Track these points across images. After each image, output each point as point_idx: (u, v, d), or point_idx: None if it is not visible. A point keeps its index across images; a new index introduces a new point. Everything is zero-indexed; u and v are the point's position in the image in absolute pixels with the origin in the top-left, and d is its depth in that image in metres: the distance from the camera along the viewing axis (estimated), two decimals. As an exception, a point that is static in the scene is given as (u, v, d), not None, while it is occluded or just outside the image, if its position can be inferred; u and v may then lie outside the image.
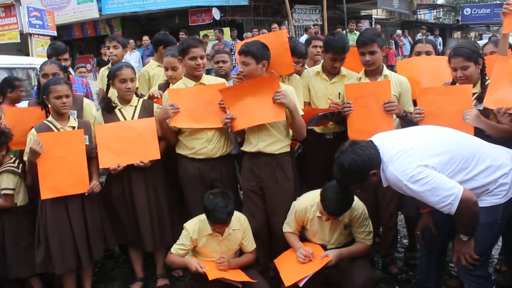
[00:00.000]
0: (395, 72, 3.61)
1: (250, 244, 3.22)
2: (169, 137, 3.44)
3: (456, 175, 2.36)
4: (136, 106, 3.48)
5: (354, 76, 3.57)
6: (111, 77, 3.40)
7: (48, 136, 3.16)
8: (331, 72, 3.62)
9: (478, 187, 2.39)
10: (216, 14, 13.75)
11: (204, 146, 3.35)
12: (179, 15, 14.43)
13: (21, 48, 11.82)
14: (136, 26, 15.08)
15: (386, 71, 3.40)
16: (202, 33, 13.58)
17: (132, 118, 3.43)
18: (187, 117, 3.30)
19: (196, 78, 3.40)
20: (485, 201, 2.41)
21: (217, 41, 11.55)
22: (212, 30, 12.80)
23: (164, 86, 3.80)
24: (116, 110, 3.44)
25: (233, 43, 11.35)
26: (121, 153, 3.31)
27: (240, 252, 3.26)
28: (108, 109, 3.43)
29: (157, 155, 3.35)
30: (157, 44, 4.51)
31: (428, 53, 3.70)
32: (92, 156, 3.33)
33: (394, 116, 3.23)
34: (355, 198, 3.04)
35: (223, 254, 3.12)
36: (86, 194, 3.23)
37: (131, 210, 3.42)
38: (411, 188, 2.32)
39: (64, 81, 3.26)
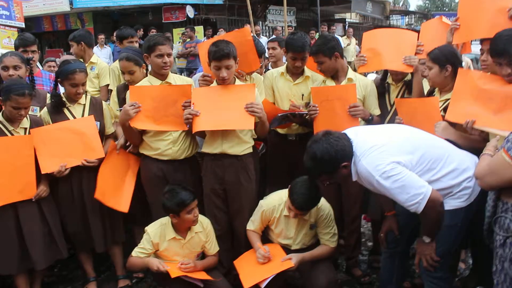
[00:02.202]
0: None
1: (213, 247, 3.19)
2: (133, 139, 3.34)
3: (423, 174, 2.39)
4: (84, 105, 3.38)
5: (318, 77, 3.57)
6: (62, 77, 3.27)
7: None
8: (295, 72, 3.61)
9: (442, 189, 2.42)
10: (190, 12, 13.63)
11: (169, 147, 3.27)
12: (153, 12, 14.25)
13: (-13, 39, 11.45)
14: (108, 21, 14.80)
15: (351, 74, 3.41)
16: (175, 31, 13.45)
17: (82, 116, 3.33)
18: (148, 117, 3.18)
19: (162, 76, 3.30)
20: (448, 204, 2.44)
21: (188, 39, 11.45)
22: (183, 28, 12.69)
23: (123, 88, 3.68)
24: (65, 109, 3.32)
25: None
26: (63, 156, 3.19)
27: (203, 255, 3.23)
28: (57, 108, 3.31)
29: (101, 154, 3.27)
30: (121, 39, 4.47)
31: None
32: None
33: (360, 119, 3.25)
34: (322, 199, 3.05)
35: (186, 258, 3.08)
36: (33, 200, 3.11)
37: (80, 210, 3.32)
38: (382, 183, 2.33)
39: (29, 93, 3.05)
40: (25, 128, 3.16)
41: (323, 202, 3.07)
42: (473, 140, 2.70)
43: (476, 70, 3.25)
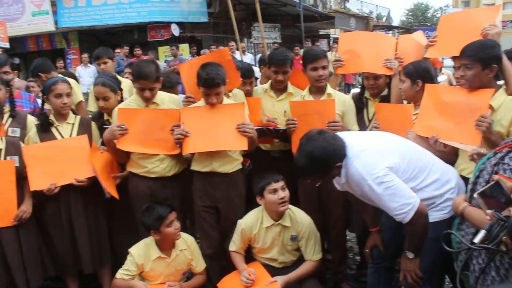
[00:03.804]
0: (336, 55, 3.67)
1: (200, 265, 3.17)
2: (118, 157, 3.33)
3: (408, 182, 2.39)
4: (73, 124, 3.37)
5: (300, 94, 3.58)
6: (46, 92, 3.26)
7: None
8: (278, 88, 3.62)
9: (425, 199, 2.42)
10: (175, 30, 13.69)
11: (156, 165, 3.25)
12: (138, 30, 14.31)
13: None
14: (93, 40, 14.78)
15: (329, 89, 3.43)
16: (160, 49, 13.49)
17: (70, 136, 3.31)
18: (135, 139, 3.16)
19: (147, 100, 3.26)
20: (431, 216, 2.44)
21: (172, 57, 11.49)
22: (168, 46, 12.73)
23: (97, 116, 3.65)
24: (53, 129, 3.31)
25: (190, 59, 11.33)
26: (54, 174, 3.17)
27: (190, 272, 3.19)
28: (44, 127, 3.29)
29: (91, 173, 3.24)
30: (36, 71, 4.44)
31: None
32: (24, 176, 3.17)
33: None
34: (301, 212, 3.08)
35: (171, 276, 3.06)
36: (14, 223, 3.07)
37: (68, 230, 3.28)
38: (374, 189, 2.30)
39: None
40: (0, 149, 3.13)
41: (302, 215, 3.09)
42: (444, 152, 2.72)
43: (443, 85, 3.36)
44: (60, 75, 4.14)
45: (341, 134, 2.54)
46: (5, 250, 3.04)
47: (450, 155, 2.69)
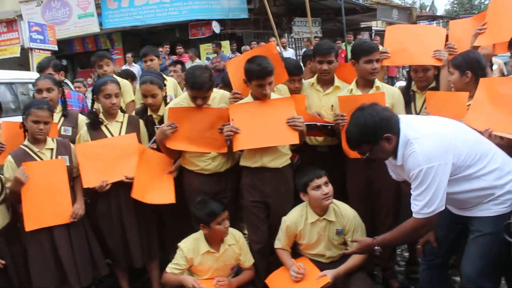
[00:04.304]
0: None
1: (248, 260, 3.18)
2: (170, 156, 3.39)
3: (467, 169, 2.32)
4: (122, 122, 3.44)
5: (347, 87, 3.52)
6: (96, 92, 3.35)
7: (31, 165, 3.10)
8: (324, 80, 3.57)
9: (484, 188, 2.34)
10: (216, 27, 13.79)
11: (208, 163, 3.30)
12: (179, 29, 14.48)
13: (23, 63, 11.87)
14: (136, 40, 15.12)
15: (378, 83, 3.37)
16: (202, 46, 13.63)
17: (119, 134, 3.39)
18: (185, 138, 3.19)
19: None
20: (491, 210, 2.36)
21: (215, 55, 11.58)
22: (210, 44, 12.85)
23: (141, 111, 3.74)
24: (102, 127, 3.39)
25: (231, 56, 11.38)
26: (105, 171, 3.25)
27: (239, 268, 3.22)
28: (94, 126, 3.38)
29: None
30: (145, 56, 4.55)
31: None
32: (74, 176, 3.28)
33: None
34: (346, 205, 3.06)
35: (220, 271, 3.09)
36: (71, 220, 3.16)
37: (119, 226, 3.37)
38: (421, 176, 2.24)
39: (48, 107, 3.15)
40: (51, 149, 3.22)
41: (346, 208, 3.07)
42: (501, 146, 2.60)
43: (500, 77, 3.24)
44: (114, 75, 4.26)
45: (404, 116, 2.50)
46: (58, 248, 3.15)
47: (507, 149, 2.58)
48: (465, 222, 2.51)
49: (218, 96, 3.37)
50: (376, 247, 2.54)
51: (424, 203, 2.28)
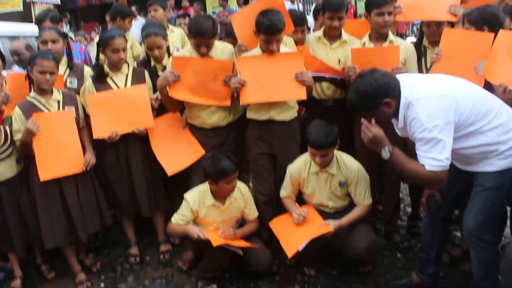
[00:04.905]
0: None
1: (253, 213, 3.23)
2: (171, 106, 3.38)
3: (470, 126, 2.32)
4: (127, 74, 3.41)
5: (356, 42, 3.46)
6: (103, 45, 3.29)
7: (40, 116, 3.10)
8: (332, 36, 3.50)
9: (488, 144, 2.34)
10: (222, -20, 13.42)
11: (209, 117, 3.30)
12: (185, -18, 14.12)
13: (25, 15, 11.68)
14: (141, -6, 14.81)
15: (391, 36, 3.31)
16: (208, 0, 13.30)
17: (125, 86, 3.37)
18: (187, 88, 3.19)
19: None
20: (495, 165, 2.37)
21: (221, 8, 11.31)
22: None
23: (144, 63, 3.71)
24: (108, 79, 3.36)
25: (238, 10, 11.13)
26: (115, 122, 3.26)
27: (243, 220, 3.27)
28: (99, 78, 3.35)
29: (150, 123, 3.31)
30: (115, 15, 4.44)
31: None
32: (80, 127, 3.28)
33: None
34: (350, 157, 3.06)
35: (225, 223, 3.13)
36: (83, 169, 3.20)
37: (126, 176, 3.41)
38: (425, 136, 2.26)
39: (53, 57, 3.11)
40: (58, 101, 3.22)
41: (350, 160, 3.07)
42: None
43: None
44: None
45: (404, 76, 2.48)
46: (67, 199, 3.20)
47: None
48: (470, 178, 2.51)
49: (219, 47, 3.31)
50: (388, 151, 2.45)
51: (431, 158, 2.28)
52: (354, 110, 2.54)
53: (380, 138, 2.43)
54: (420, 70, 3.33)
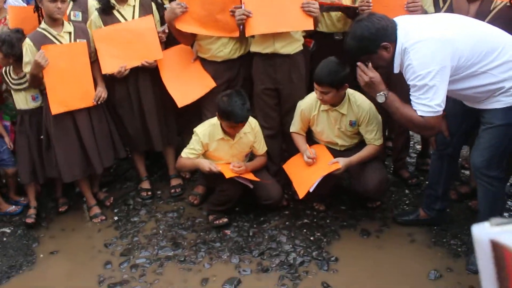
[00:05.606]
0: None
1: (262, 147, 3.24)
2: (182, 38, 3.30)
3: (472, 67, 2.28)
4: (134, 6, 3.31)
5: None
6: None
7: (52, 48, 3.04)
8: None
9: (493, 82, 2.29)
10: None
11: (220, 49, 3.24)
12: None
13: None
14: None
15: None
16: None
17: (132, 18, 3.29)
18: (195, 20, 3.10)
19: None
20: (502, 102, 2.33)
21: None
22: None
23: None
24: (115, 11, 3.27)
25: None
26: (123, 56, 3.21)
27: (252, 154, 3.29)
28: (106, 10, 3.26)
29: (159, 55, 3.26)
30: None
31: None
32: (92, 60, 3.22)
33: None
34: (362, 96, 3.00)
35: (234, 158, 3.16)
36: (94, 103, 3.19)
37: (138, 111, 3.41)
38: (419, 82, 2.24)
39: None
40: (69, 33, 3.16)
41: (362, 100, 3.01)
42: None
43: None
44: None
45: (402, 19, 2.42)
46: (81, 133, 3.23)
47: None
48: (477, 115, 2.49)
49: None
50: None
51: (423, 104, 2.28)
52: (353, 55, 2.49)
53: (377, 82, 2.43)
54: (436, 3, 3.18)
